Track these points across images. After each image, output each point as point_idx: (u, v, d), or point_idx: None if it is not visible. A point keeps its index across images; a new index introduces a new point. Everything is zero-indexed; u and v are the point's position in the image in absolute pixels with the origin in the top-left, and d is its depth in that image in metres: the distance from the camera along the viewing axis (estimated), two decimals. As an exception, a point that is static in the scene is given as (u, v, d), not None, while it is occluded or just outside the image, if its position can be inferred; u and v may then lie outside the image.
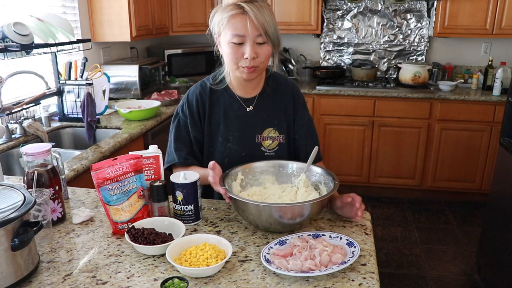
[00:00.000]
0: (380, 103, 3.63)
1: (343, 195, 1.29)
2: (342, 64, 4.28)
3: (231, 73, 1.45)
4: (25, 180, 1.23)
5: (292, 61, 4.13)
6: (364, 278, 1.03)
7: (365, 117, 3.68)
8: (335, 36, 4.20)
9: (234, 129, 1.47)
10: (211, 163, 1.25)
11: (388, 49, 4.15)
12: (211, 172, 1.24)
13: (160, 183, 1.27)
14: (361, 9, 4.07)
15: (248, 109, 1.48)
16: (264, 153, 1.49)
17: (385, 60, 4.20)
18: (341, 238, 1.15)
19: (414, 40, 4.07)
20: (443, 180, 3.74)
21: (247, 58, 1.32)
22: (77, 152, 2.16)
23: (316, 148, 1.39)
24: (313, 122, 1.61)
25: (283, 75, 1.60)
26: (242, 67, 1.35)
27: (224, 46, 1.36)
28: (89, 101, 2.45)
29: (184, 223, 1.23)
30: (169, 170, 1.50)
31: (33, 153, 1.23)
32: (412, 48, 4.10)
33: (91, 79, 2.53)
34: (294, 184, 1.39)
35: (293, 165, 1.42)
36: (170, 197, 1.32)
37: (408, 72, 3.75)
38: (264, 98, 1.50)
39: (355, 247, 1.10)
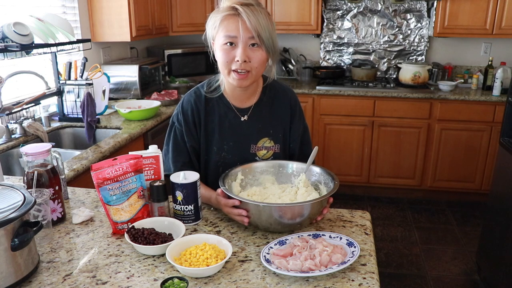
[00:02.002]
0: (380, 103, 3.63)
1: None
2: (342, 64, 4.28)
3: (225, 80, 1.42)
4: (25, 180, 1.23)
5: (292, 61, 4.14)
6: (364, 278, 1.03)
7: (365, 117, 3.68)
8: (335, 36, 4.20)
9: (229, 139, 1.45)
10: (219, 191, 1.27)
11: (388, 49, 4.15)
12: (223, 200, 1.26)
13: (160, 183, 1.27)
14: (361, 9, 4.07)
15: (242, 119, 1.46)
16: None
17: (385, 60, 4.20)
18: (341, 238, 1.15)
19: (414, 40, 4.07)
20: (443, 180, 3.74)
21: (238, 60, 1.29)
22: (77, 152, 2.16)
23: (316, 148, 1.39)
24: (309, 131, 1.60)
25: (281, 83, 1.56)
26: (233, 71, 1.31)
27: (217, 50, 1.34)
28: (89, 101, 2.45)
29: (184, 223, 1.23)
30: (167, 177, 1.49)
31: (33, 153, 1.23)
32: (412, 48, 4.10)
33: (91, 79, 2.53)
34: (294, 184, 1.39)
35: (293, 165, 1.42)
36: (170, 197, 1.32)
37: (408, 72, 3.75)
38: (260, 107, 1.48)
39: (355, 247, 1.10)
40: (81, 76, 2.56)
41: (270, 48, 1.31)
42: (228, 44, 1.30)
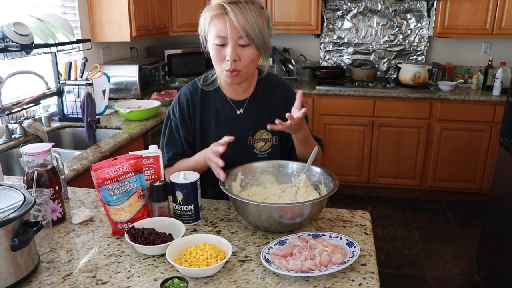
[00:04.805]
0: (380, 103, 3.63)
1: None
2: (342, 64, 4.28)
3: (219, 75, 1.44)
4: (25, 180, 1.23)
5: (292, 61, 4.14)
6: (364, 278, 1.03)
7: (365, 117, 3.68)
8: (335, 36, 4.20)
9: (226, 132, 1.43)
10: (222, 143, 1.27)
11: (388, 49, 4.15)
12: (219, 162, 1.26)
13: (160, 183, 1.27)
14: (361, 9, 4.07)
15: (238, 112, 1.47)
16: (256, 155, 1.48)
17: (385, 60, 4.20)
18: (341, 238, 1.15)
19: (414, 40, 4.07)
20: (443, 180, 3.74)
21: (228, 60, 1.30)
22: (77, 152, 2.16)
23: (316, 148, 1.39)
24: (307, 119, 1.59)
25: (274, 75, 1.57)
26: (225, 70, 1.33)
27: (209, 47, 1.35)
28: (89, 101, 2.45)
29: (184, 223, 1.23)
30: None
31: (33, 153, 1.23)
32: (412, 48, 4.10)
33: (91, 79, 2.53)
34: (294, 184, 1.39)
35: (293, 165, 1.42)
36: (170, 197, 1.32)
37: (408, 72, 3.75)
38: (255, 99, 1.49)
39: (355, 247, 1.10)
40: (81, 76, 2.56)
41: (260, 45, 1.31)
42: (219, 44, 1.30)
